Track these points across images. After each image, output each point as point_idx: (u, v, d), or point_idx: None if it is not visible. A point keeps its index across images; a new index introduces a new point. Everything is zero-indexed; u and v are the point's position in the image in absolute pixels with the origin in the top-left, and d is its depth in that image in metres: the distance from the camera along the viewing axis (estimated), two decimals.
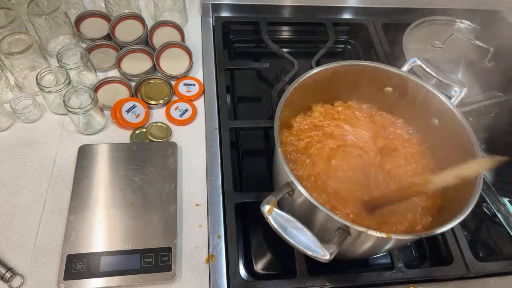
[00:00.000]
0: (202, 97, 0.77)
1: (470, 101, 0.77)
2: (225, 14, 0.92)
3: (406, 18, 0.92)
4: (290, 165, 0.59)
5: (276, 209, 0.45)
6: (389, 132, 0.67)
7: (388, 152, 0.64)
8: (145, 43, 0.82)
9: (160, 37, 0.82)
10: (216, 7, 0.91)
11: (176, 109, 0.73)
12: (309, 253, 0.43)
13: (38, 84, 0.64)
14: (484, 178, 0.50)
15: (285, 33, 0.97)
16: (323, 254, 0.43)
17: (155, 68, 0.79)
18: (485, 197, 0.69)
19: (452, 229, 0.62)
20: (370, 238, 0.48)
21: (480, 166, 0.42)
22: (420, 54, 0.79)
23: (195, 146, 0.70)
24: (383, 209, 0.57)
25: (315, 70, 0.60)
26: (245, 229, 0.66)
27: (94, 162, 0.64)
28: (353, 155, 0.63)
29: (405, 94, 0.63)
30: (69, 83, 0.66)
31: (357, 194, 0.58)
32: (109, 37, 0.81)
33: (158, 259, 0.56)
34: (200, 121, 0.74)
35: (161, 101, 0.74)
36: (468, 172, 0.44)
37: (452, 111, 0.58)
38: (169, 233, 0.58)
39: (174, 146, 0.67)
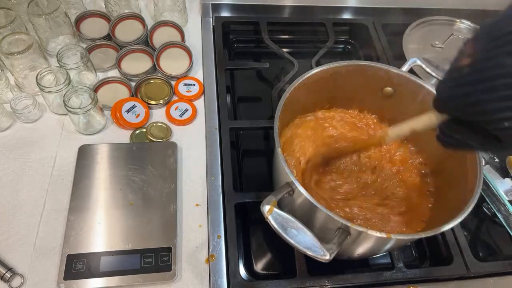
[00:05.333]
0: (202, 97, 0.77)
1: None
2: (225, 14, 0.92)
3: (406, 18, 0.92)
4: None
5: (276, 209, 0.45)
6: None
7: (386, 152, 0.64)
8: (145, 43, 0.82)
9: (160, 37, 0.82)
10: (216, 7, 0.91)
11: (176, 109, 0.73)
12: (309, 253, 0.43)
13: (38, 84, 0.64)
14: (484, 178, 0.50)
15: (285, 33, 0.97)
16: (323, 254, 0.43)
17: (155, 68, 0.79)
18: (485, 197, 0.69)
19: (452, 229, 0.63)
20: (370, 238, 0.48)
21: (429, 120, 0.44)
22: (420, 54, 0.79)
23: (195, 146, 0.70)
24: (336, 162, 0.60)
25: (315, 70, 0.60)
26: (245, 229, 0.66)
27: (94, 162, 0.64)
28: (350, 153, 0.64)
29: (405, 94, 0.63)
30: (69, 83, 0.66)
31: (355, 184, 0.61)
32: (109, 37, 0.81)
33: (158, 259, 0.56)
34: (200, 121, 0.74)
35: (161, 101, 0.74)
36: (419, 125, 0.46)
37: None
38: (169, 233, 0.58)
39: (174, 146, 0.67)
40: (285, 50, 0.85)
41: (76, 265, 0.54)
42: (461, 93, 0.36)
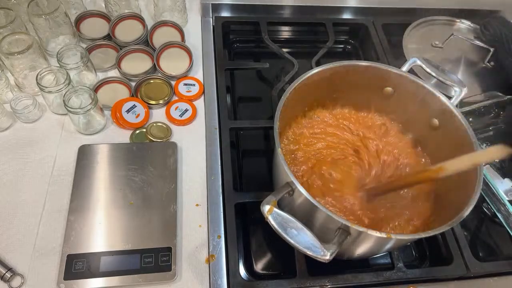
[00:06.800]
0: (202, 97, 0.77)
1: (470, 101, 0.77)
2: (225, 14, 0.92)
3: (406, 18, 0.92)
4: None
5: (276, 209, 0.45)
6: (387, 133, 0.67)
7: (385, 152, 0.64)
8: (145, 43, 0.82)
9: (160, 37, 0.82)
10: (216, 7, 0.91)
11: (176, 109, 0.73)
12: (309, 253, 0.43)
13: (38, 84, 0.64)
14: (484, 178, 0.50)
15: (285, 33, 0.97)
16: (323, 254, 0.43)
17: (155, 68, 0.79)
18: (485, 197, 0.69)
19: (452, 229, 0.63)
20: (370, 238, 0.48)
21: (493, 154, 0.42)
22: (420, 54, 0.79)
23: (195, 146, 0.70)
24: (384, 196, 0.57)
25: (315, 70, 0.60)
26: (245, 229, 0.66)
27: (94, 162, 0.64)
28: (349, 154, 0.63)
29: (405, 94, 0.63)
30: (69, 83, 0.66)
31: (356, 184, 0.59)
32: (109, 37, 0.81)
33: (158, 259, 0.56)
34: (200, 121, 0.74)
35: (161, 101, 0.74)
36: (482, 159, 0.44)
37: (452, 111, 0.58)
38: (169, 233, 0.58)
39: (174, 146, 0.67)
40: (285, 50, 0.85)
41: (76, 265, 0.54)
42: None
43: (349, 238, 0.46)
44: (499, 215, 0.67)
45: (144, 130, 0.70)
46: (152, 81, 0.77)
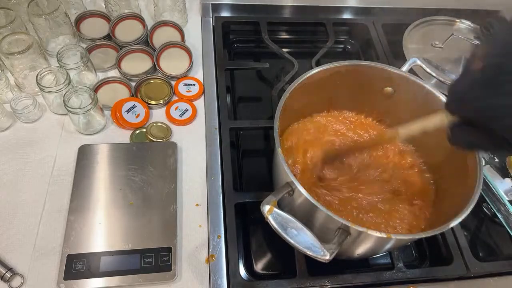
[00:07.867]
0: (202, 97, 0.77)
1: None
2: (225, 14, 0.92)
3: (406, 18, 0.92)
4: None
5: (276, 209, 0.45)
6: (386, 133, 0.67)
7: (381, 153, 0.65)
8: (145, 43, 0.82)
9: (160, 37, 0.82)
10: (216, 7, 0.91)
11: (176, 109, 0.73)
12: (309, 253, 0.43)
13: (38, 84, 0.64)
14: (484, 178, 0.50)
15: (285, 33, 0.97)
16: (323, 254, 0.43)
17: (155, 68, 0.79)
18: (485, 197, 0.69)
19: (452, 229, 0.63)
20: (370, 238, 0.48)
21: (440, 121, 0.44)
22: (420, 54, 0.79)
23: (195, 146, 0.70)
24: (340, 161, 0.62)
25: (315, 70, 0.60)
26: (245, 229, 0.66)
27: (94, 162, 0.64)
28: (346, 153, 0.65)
29: (405, 94, 0.63)
30: (69, 83, 0.66)
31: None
32: (109, 37, 0.81)
33: (158, 259, 0.56)
34: (200, 121, 0.74)
35: (161, 101, 0.74)
36: (430, 125, 0.46)
37: None
38: (169, 233, 0.58)
39: (174, 146, 0.67)
40: (285, 50, 0.85)
41: (76, 265, 0.54)
42: (473, 96, 0.36)
43: (349, 238, 0.46)
44: (499, 215, 0.67)
45: (144, 130, 0.70)
46: (152, 81, 0.77)
